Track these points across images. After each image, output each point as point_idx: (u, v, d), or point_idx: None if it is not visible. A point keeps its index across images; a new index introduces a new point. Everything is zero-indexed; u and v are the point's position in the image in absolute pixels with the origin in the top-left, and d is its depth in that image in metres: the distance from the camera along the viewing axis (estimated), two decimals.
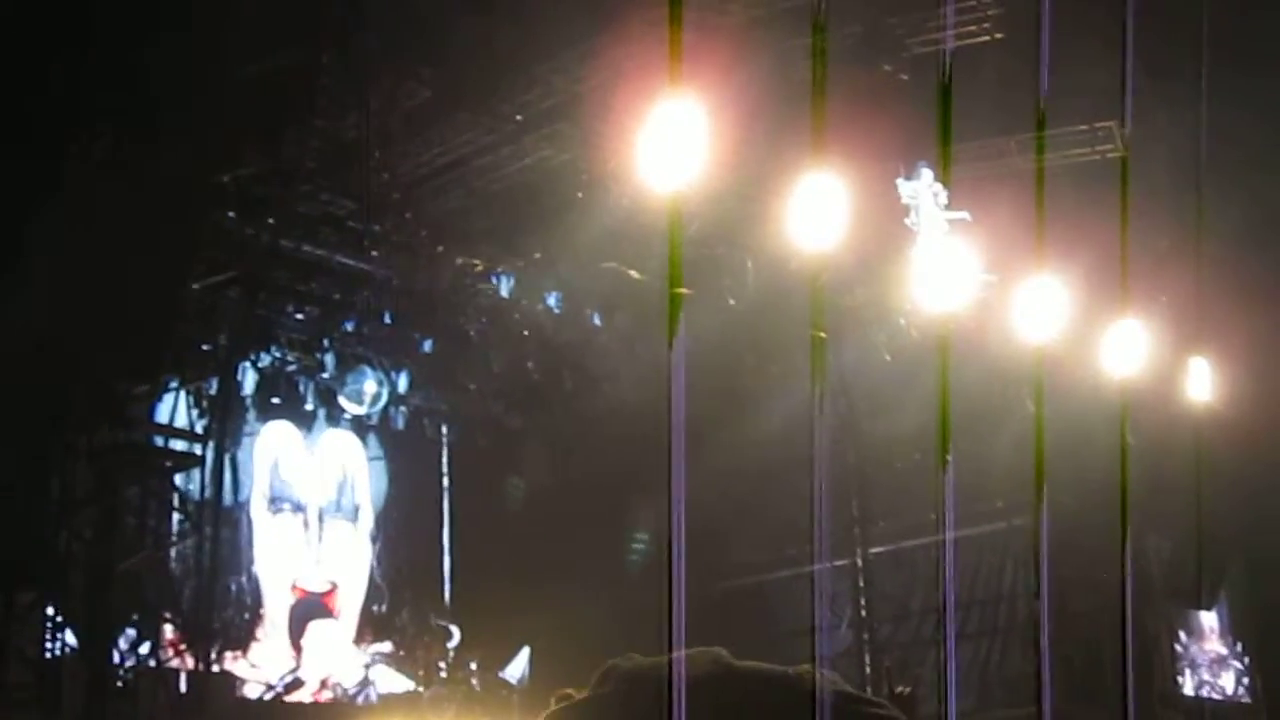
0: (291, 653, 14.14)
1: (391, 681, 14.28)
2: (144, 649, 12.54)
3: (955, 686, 15.29)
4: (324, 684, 13.92)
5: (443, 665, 14.46)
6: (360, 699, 13.97)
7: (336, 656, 14.33)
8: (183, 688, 12.66)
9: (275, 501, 14.67)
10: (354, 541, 15.38)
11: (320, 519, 15.06)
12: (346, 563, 15.18)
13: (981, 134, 12.88)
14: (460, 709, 13.93)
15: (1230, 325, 13.74)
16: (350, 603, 14.94)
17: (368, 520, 15.55)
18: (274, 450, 14.69)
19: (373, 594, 15.21)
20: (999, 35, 12.47)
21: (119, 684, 12.27)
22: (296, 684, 13.75)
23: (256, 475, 14.35)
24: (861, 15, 12.76)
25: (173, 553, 13.37)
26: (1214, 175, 13.44)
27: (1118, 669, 14.40)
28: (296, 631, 14.28)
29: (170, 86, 10.93)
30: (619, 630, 14.73)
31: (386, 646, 14.71)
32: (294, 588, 14.54)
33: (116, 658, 12.39)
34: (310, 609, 14.48)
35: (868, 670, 16.44)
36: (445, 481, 16.30)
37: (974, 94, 11.96)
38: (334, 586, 14.83)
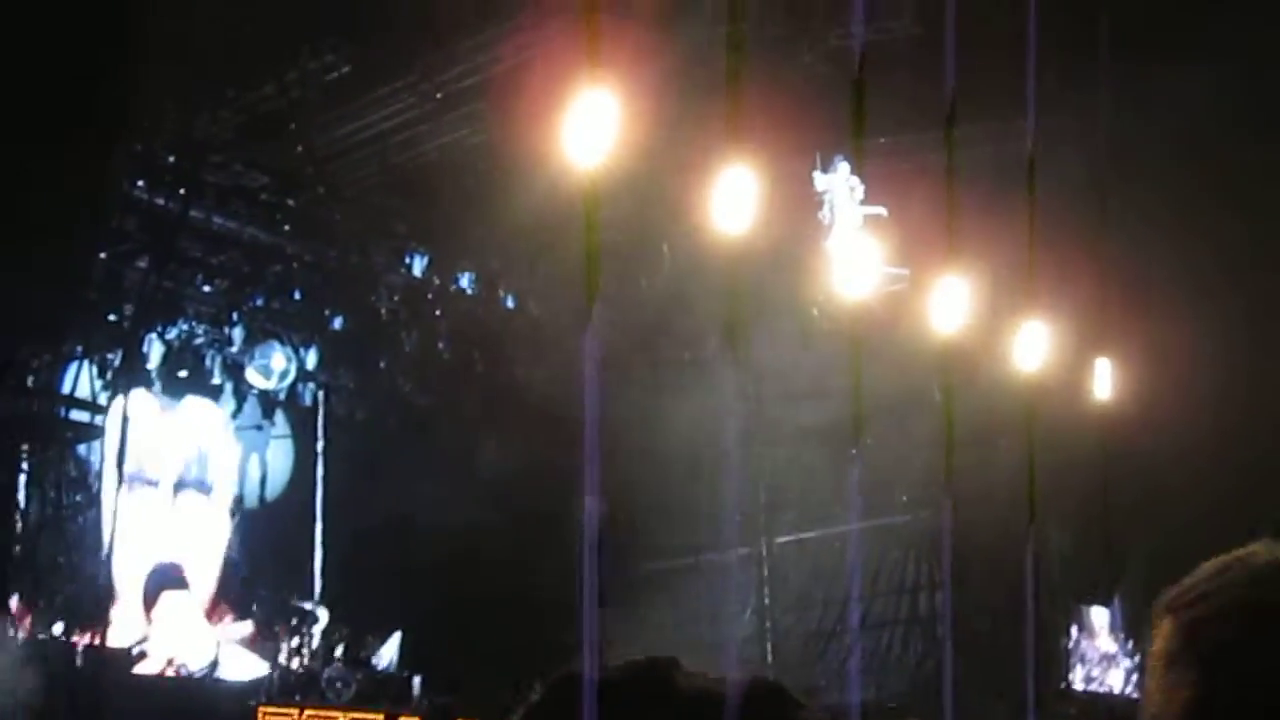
0: (144, 621, 13.85)
1: (243, 664, 13.91)
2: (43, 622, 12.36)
3: (857, 677, 15.43)
4: (169, 662, 13.51)
5: (304, 648, 14.22)
6: (207, 680, 13.51)
7: (187, 630, 13.96)
8: (79, 662, 12.46)
9: (135, 475, 14.40)
10: (213, 516, 15.19)
11: (177, 492, 14.83)
12: (204, 537, 14.93)
13: (899, 129, 12.96)
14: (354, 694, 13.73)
15: (1133, 324, 13.95)
16: (206, 576, 14.68)
17: (227, 496, 15.36)
18: (148, 421, 14.45)
19: (233, 571, 14.95)
20: (917, 30, 12.57)
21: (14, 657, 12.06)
22: (142, 655, 13.38)
23: (129, 447, 14.10)
24: (781, 5, 12.80)
25: (71, 523, 13.17)
26: (1122, 176, 13.65)
27: (1016, 662, 14.59)
28: (151, 597, 14.01)
29: (82, 52, 10.74)
30: (503, 620, 14.74)
31: (244, 626, 14.41)
32: (153, 558, 14.27)
33: (10, 630, 12.17)
34: (165, 576, 14.20)
35: (769, 658, 16.53)
36: (322, 459, 16.15)
37: (892, 88, 12.06)
38: (191, 559, 14.56)
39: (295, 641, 14.27)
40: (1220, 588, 1.46)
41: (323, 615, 14.80)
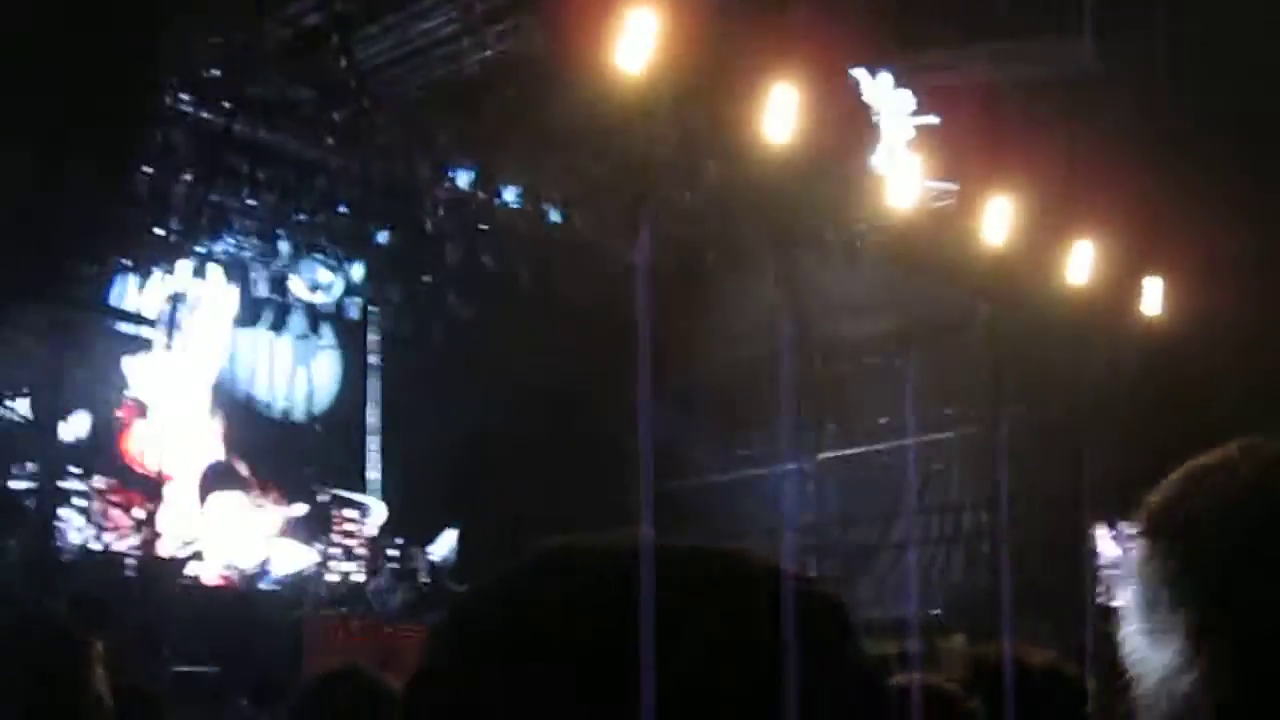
0: (197, 519, 13.96)
1: (295, 558, 13.98)
2: (90, 533, 12.49)
3: (899, 592, 15.47)
4: (224, 565, 13.63)
5: (357, 541, 14.36)
6: (254, 593, 13.63)
7: (239, 529, 14.03)
8: (130, 572, 12.61)
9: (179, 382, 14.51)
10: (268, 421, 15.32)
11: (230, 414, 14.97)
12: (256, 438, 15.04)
13: (951, 41, 12.78)
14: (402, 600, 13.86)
15: (1185, 245, 13.79)
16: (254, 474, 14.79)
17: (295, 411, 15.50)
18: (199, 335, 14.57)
19: (292, 472, 15.06)
20: None
21: (62, 568, 12.21)
22: (196, 556, 13.51)
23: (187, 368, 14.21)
24: None
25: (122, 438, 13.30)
26: (1179, 91, 13.43)
27: (1059, 581, 14.58)
28: (204, 492, 14.10)
29: None
30: (555, 520, 14.79)
31: (300, 508, 14.45)
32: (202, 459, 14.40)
33: (62, 542, 12.32)
34: (219, 473, 14.29)
35: (812, 574, 16.56)
36: (375, 371, 16.29)
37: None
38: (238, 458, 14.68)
39: (350, 529, 14.37)
40: (1213, 506, 1.31)
41: (378, 509, 14.90)
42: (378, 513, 14.91)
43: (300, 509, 14.23)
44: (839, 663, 0.98)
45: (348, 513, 14.50)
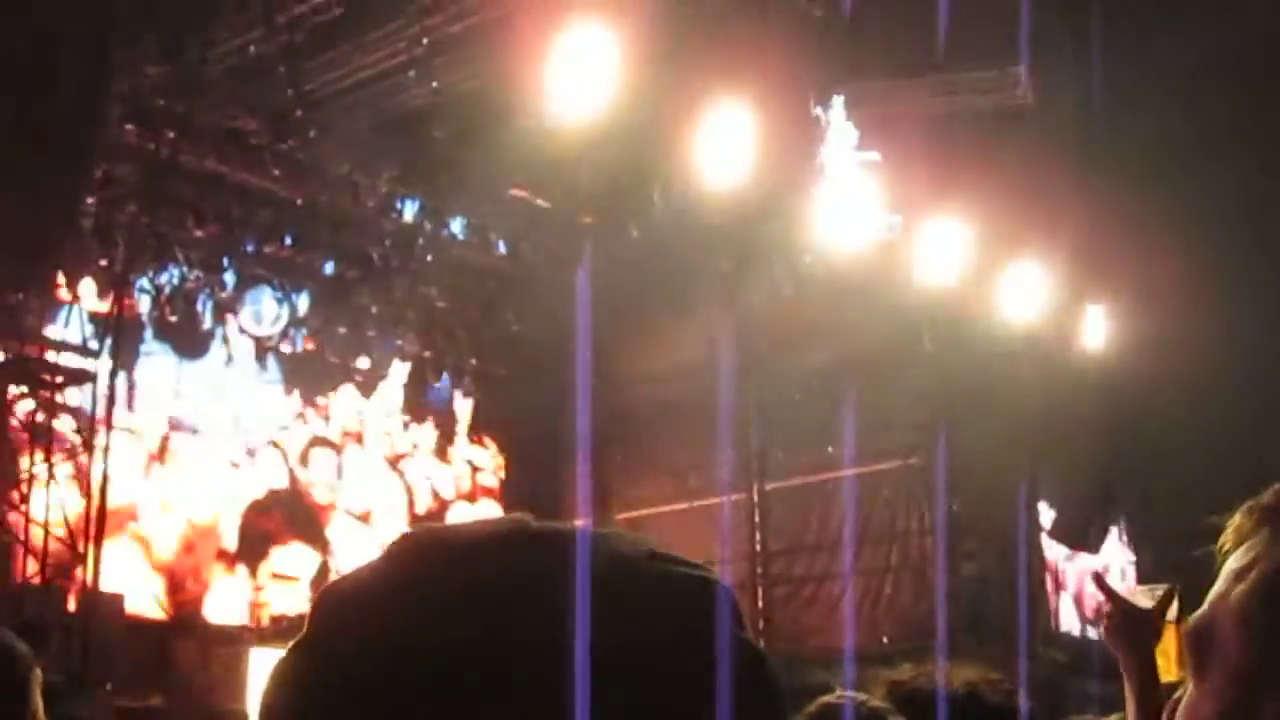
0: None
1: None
2: (31, 566, 12.37)
3: (850, 622, 15.46)
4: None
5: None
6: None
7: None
8: (71, 606, 12.50)
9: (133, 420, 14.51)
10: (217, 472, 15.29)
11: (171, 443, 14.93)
12: (204, 494, 15.04)
13: (893, 73, 12.89)
14: None
15: (1127, 269, 13.95)
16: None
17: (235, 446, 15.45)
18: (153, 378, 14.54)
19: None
20: None
21: (20, 604, 12.10)
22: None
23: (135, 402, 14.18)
24: None
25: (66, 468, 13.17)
26: (1114, 121, 13.60)
27: (1006, 608, 14.66)
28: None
29: None
30: None
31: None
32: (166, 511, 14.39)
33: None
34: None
35: (759, 604, 16.58)
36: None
37: (886, 31, 11.99)
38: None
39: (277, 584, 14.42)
40: None
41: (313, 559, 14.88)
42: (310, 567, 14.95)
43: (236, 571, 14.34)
44: (743, 649, 0.95)
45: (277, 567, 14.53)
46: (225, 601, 14.23)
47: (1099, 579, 3.33)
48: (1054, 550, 17.15)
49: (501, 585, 0.88)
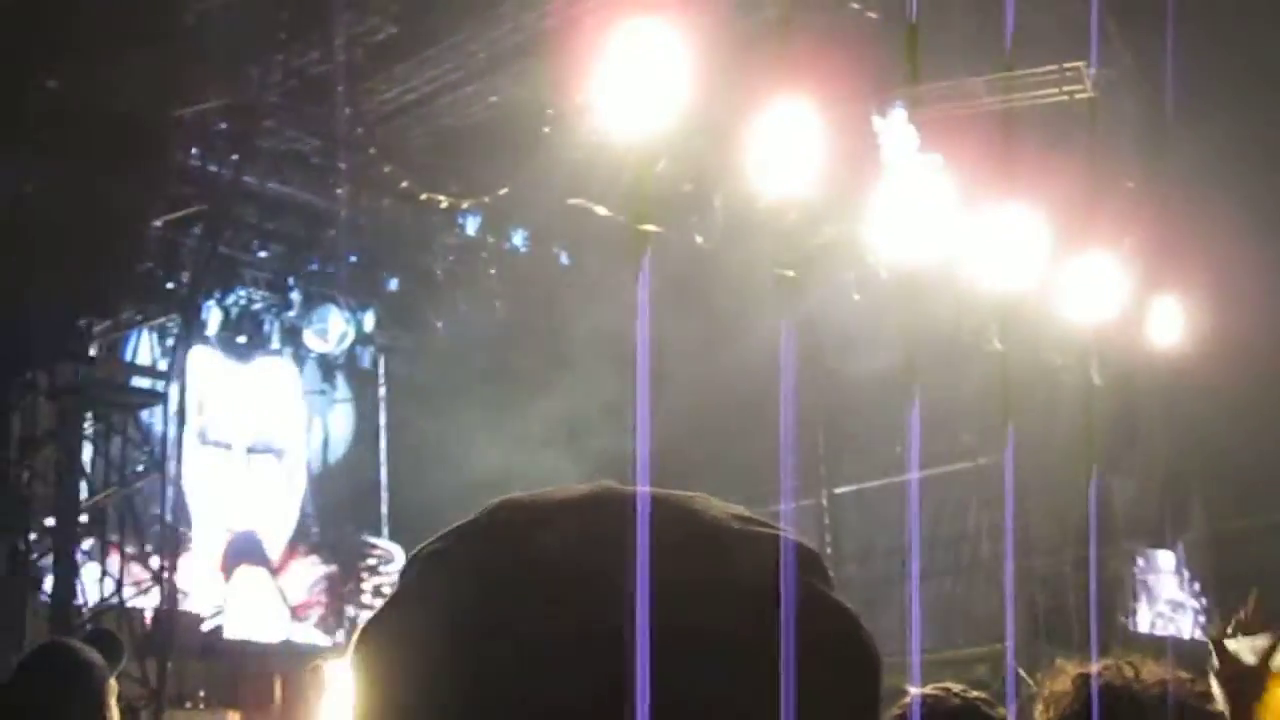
0: (222, 584, 14.08)
1: (311, 637, 14.14)
2: (109, 588, 12.51)
3: (920, 625, 15.43)
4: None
5: (384, 588, 14.41)
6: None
7: (261, 604, 14.18)
8: (148, 625, 12.63)
9: (205, 436, 14.62)
10: (283, 480, 15.34)
11: (249, 456, 15.02)
12: (280, 502, 15.13)
13: (954, 72, 12.82)
14: None
15: (1197, 264, 13.78)
16: (280, 537, 14.87)
17: (300, 456, 15.52)
18: (206, 383, 14.63)
19: (308, 524, 15.15)
20: None
21: (85, 624, 12.23)
22: (217, 627, 13.66)
23: (190, 410, 14.29)
24: None
25: (137, 491, 13.32)
26: (1181, 114, 13.46)
27: (1080, 607, 14.51)
28: (230, 566, 14.20)
29: (129, 20, 10.77)
30: None
31: (325, 567, 14.57)
32: (228, 527, 14.50)
33: (80, 598, 12.34)
34: (244, 548, 14.38)
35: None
36: (383, 419, 16.31)
37: (945, 31, 11.92)
38: (266, 523, 14.77)
39: (376, 581, 14.42)
40: None
41: (398, 553, 14.90)
42: (398, 557, 14.95)
43: (326, 568, 14.33)
44: (824, 605, 0.94)
45: (372, 561, 14.53)
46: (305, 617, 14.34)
47: (1216, 642, 3.25)
48: (1132, 549, 16.97)
49: (584, 548, 0.89)
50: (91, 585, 12.52)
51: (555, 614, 0.87)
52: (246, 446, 15.05)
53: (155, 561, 12.84)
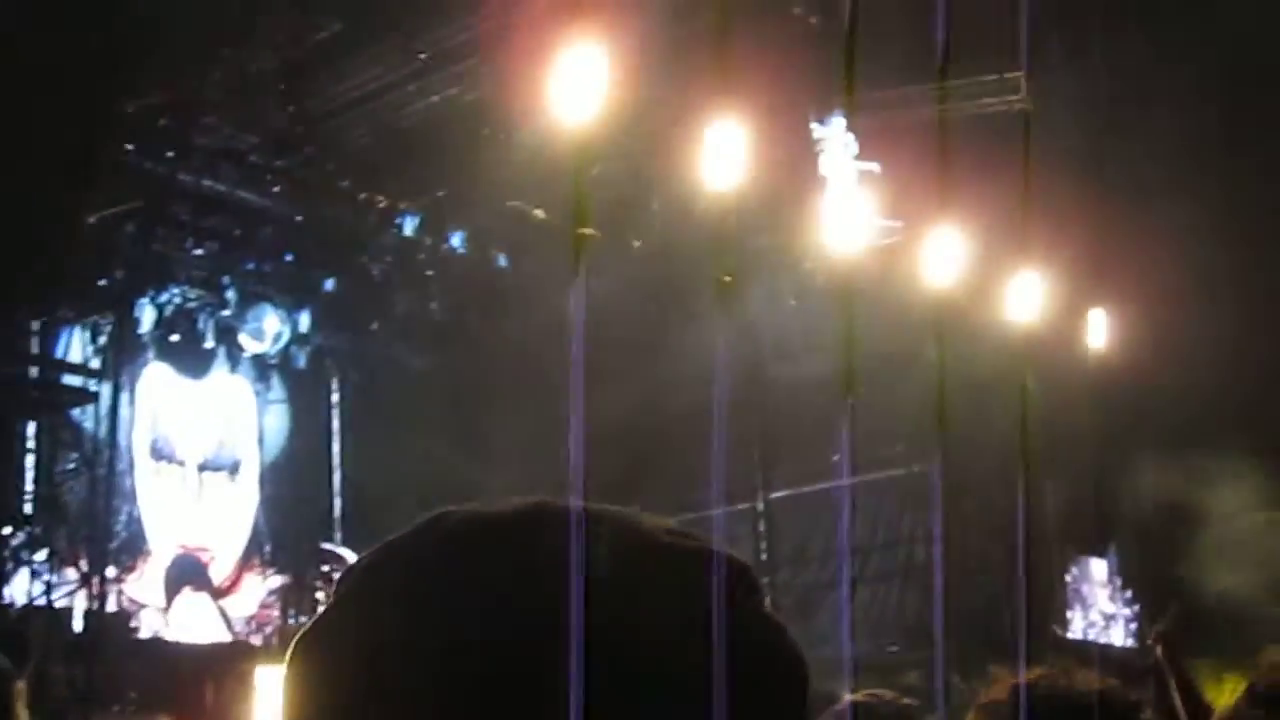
0: (163, 606, 13.95)
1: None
2: (37, 588, 12.36)
3: (852, 629, 15.49)
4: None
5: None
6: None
7: (202, 626, 14.06)
8: (76, 627, 12.49)
9: (159, 452, 14.50)
10: (238, 497, 15.23)
11: (200, 472, 14.90)
12: (229, 520, 15.01)
13: (892, 81, 12.90)
14: None
15: (1128, 275, 13.93)
16: (226, 563, 14.77)
17: (254, 469, 15.41)
18: (159, 398, 14.49)
19: (255, 544, 15.07)
20: None
21: (12, 622, 12.08)
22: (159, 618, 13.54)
23: (140, 423, 14.15)
24: None
25: (69, 490, 13.18)
26: (1116, 126, 13.61)
27: (1014, 614, 14.63)
28: (171, 590, 14.08)
29: (66, 14, 10.67)
30: None
31: (278, 579, 14.47)
32: (178, 544, 14.37)
33: (7, 598, 12.19)
34: (188, 571, 14.25)
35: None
36: (336, 424, 16.22)
37: (884, 39, 11.98)
38: (214, 546, 14.67)
39: (330, 589, 14.29)
40: None
41: (350, 556, 14.78)
42: (351, 559, 14.81)
43: (277, 580, 14.23)
44: (752, 619, 0.95)
45: (326, 568, 14.38)
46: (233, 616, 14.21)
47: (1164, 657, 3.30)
48: (1065, 556, 17.13)
49: (517, 565, 0.90)
50: (19, 585, 12.36)
51: (488, 634, 0.88)
52: (199, 464, 14.91)
53: (85, 563, 12.70)
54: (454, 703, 0.87)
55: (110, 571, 12.95)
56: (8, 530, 12.49)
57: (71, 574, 12.62)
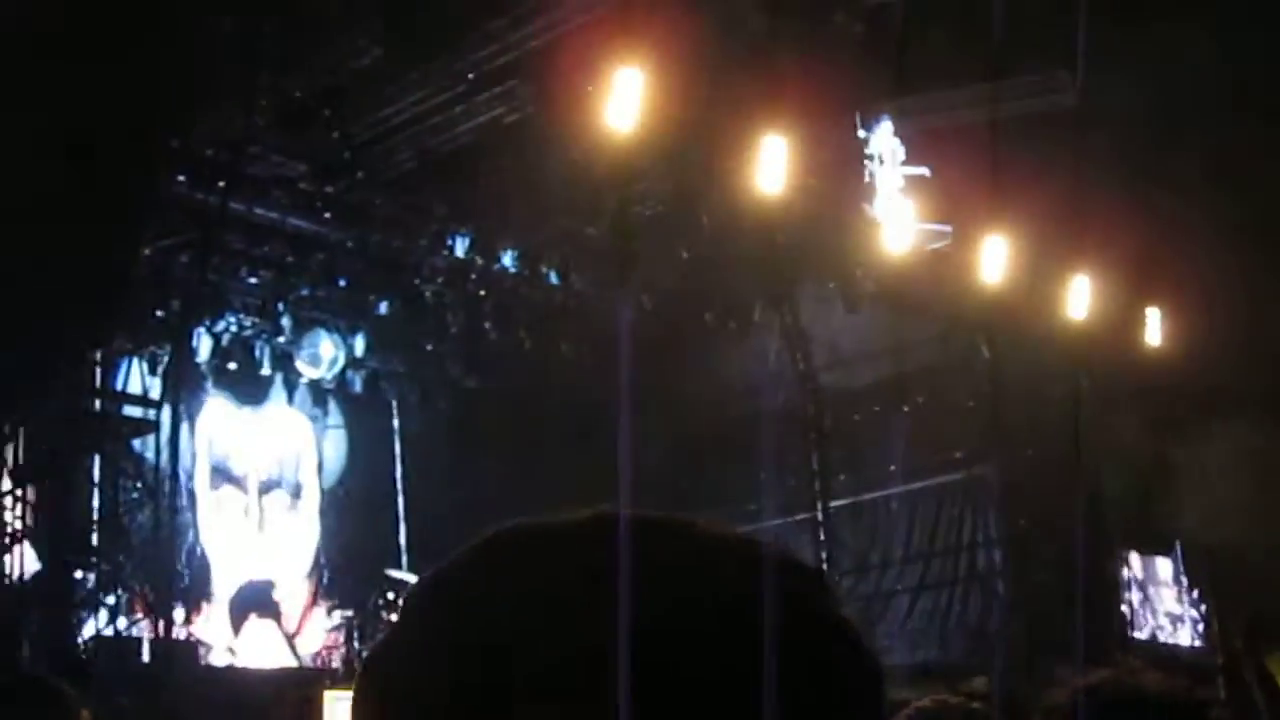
0: (231, 636, 14.06)
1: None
2: (103, 618, 12.47)
3: (915, 636, 15.36)
4: None
5: None
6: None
7: (269, 653, 14.16)
8: (145, 656, 12.58)
9: (220, 478, 14.63)
10: (300, 523, 15.32)
11: (262, 496, 15.01)
12: (292, 547, 15.11)
13: (937, 85, 12.85)
14: None
15: (1183, 274, 13.81)
16: (291, 590, 14.86)
17: (315, 497, 15.51)
18: (218, 426, 14.65)
19: (321, 563, 15.17)
20: None
21: (81, 654, 12.19)
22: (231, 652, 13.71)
23: (200, 451, 14.31)
24: None
25: (132, 520, 13.28)
26: (1168, 124, 13.50)
27: (1077, 616, 14.50)
28: (238, 619, 14.19)
29: (114, 49, 10.78)
30: None
31: (344, 612, 14.53)
32: (242, 573, 14.48)
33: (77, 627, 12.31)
34: (252, 598, 14.35)
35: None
36: (399, 445, 16.30)
37: (927, 45, 11.95)
38: (278, 577, 14.77)
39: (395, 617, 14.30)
40: None
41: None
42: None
43: (341, 614, 14.27)
44: (826, 622, 0.95)
45: (392, 595, 14.36)
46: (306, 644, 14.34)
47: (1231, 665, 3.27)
48: (1127, 556, 16.98)
49: (578, 572, 0.91)
50: (89, 619, 12.48)
51: (555, 644, 0.89)
52: (259, 488, 15.04)
53: (152, 599, 12.81)
54: (521, 710, 0.88)
55: (178, 614, 13.07)
56: (79, 574, 12.61)
57: (138, 604, 12.73)
